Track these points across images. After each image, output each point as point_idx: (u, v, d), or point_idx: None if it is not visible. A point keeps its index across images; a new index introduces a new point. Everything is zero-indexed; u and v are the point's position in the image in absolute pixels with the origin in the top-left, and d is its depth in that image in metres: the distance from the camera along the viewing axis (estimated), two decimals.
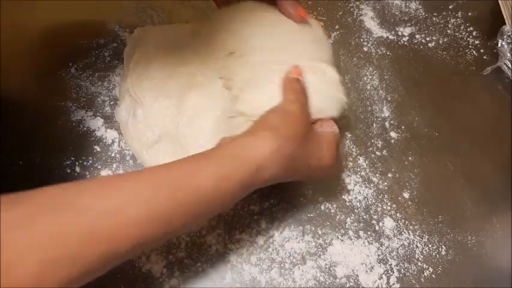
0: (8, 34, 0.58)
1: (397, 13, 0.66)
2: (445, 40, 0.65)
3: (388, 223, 0.53)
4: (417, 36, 0.65)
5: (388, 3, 0.66)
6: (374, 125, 0.59)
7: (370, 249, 0.51)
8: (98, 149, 0.54)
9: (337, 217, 0.53)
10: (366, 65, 0.63)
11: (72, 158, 0.53)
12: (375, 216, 0.53)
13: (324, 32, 0.55)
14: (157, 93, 0.52)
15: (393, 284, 0.50)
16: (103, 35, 0.60)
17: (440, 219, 0.53)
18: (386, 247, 0.51)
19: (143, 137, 0.52)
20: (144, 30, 0.58)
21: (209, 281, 0.48)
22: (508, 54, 0.61)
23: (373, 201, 0.54)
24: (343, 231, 0.52)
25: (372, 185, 0.55)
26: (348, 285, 0.49)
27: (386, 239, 0.52)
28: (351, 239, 0.52)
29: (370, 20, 0.65)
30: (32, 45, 0.59)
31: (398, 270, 0.50)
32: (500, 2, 0.64)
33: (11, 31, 0.58)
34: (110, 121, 0.56)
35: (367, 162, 0.56)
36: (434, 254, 0.51)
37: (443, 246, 0.52)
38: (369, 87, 0.61)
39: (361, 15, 0.65)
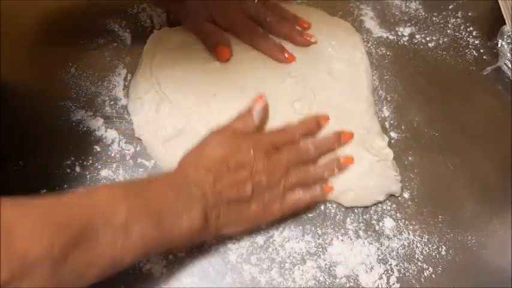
0: (8, 34, 0.58)
1: (397, 13, 0.66)
2: (445, 40, 0.64)
3: (388, 223, 0.53)
4: (417, 36, 0.64)
5: (388, 3, 0.66)
6: None
7: (370, 249, 0.51)
8: (98, 149, 0.54)
9: (337, 217, 0.53)
10: None
11: (72, 158, 0.53)
12: (375, 216, 0.53)
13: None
14: (186, 92, 0.55)
15: (393, 284, 0.50)
16: (103, 35, 0.60)
17: (440, 219, 0.53)
18: (387, 247, 0.51)
19: (162, 131, 0.54)
20: (168, 30, 0.60)
21: (209, 281, 0.48)
22: (508, 54, 0.61)
23: None
24: (343, 231, 0.52)
25: None
26: (347, 285, 0.49)
27: (386, 239, 0.52)
28: (351, 239, 0.51)
29: (370, 20, 0.65)
30: (31, 45, 0.59)
31: (398, 270, 0.50)
32: (500, 2, 0.64)
33: (11, 31, 0.58)
34: (110, 121, 0.56)
35: None
36: (434, 254, 0.51)
37: (443, 246, 0.52)
38: None
39: (361, 15, 0.65)
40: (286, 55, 0.58)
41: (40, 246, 0.32)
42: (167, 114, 0.54)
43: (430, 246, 0.52)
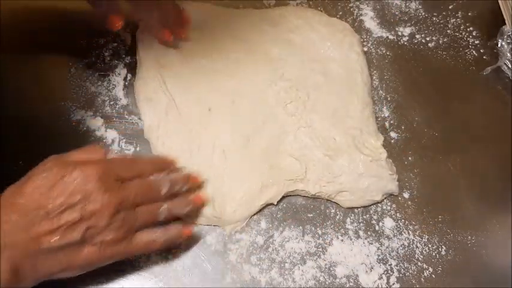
0: (8, 34, 0.58)
1: (397, 13, 0.66)
2: (445, 40, 0.64)
3: (388, 223, 0.53)
4: (417, 36, 0.65)
5: (388, 3, 0.66)
6: None
7: (370, 249, 0.51)
8: None
9: (337, 217, 0.53)
10: None
11: None
12: (375, 216, 0.53)
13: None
14: (197, 101, 0.55)
15: (393, 284, 0.50)
16: (103, 35, 0.60)
17: (440, 219, 0.53)
18: (386, 247, 0.51)
19: (169, 139, 0.53)
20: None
21: (209, 281, 0.48)
22: (508, 54, 0.61)
23: None
24: (343, 231, 0.52)
25: None
26: (347, 285, 0.49)
27: (386, 239, 0.52)
28: (351, 239, 0.52)
29: (370, 20, 0.65)
30: (31, 45, 0.59)
31: (398, 270, 0.50)
32: (500, 2, 0.64)
33: (11, 31, 0.58)
34: (109, 121, 0.56)
35: None
36: (434, 254, 0.51)
37: (443, 246, 0.52)
38: None
39: (361, 15, 0.65)
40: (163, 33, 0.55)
41: None
42: (176, 121, 0.54)
43: (430, 246, 0.52)
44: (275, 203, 0.52)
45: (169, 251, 0.49)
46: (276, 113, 0.55)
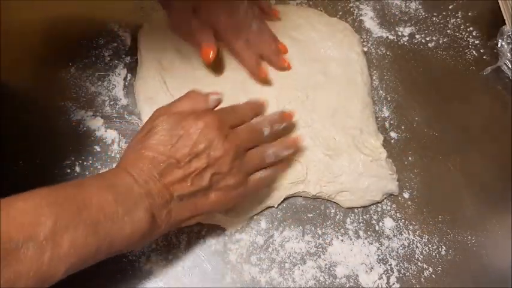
0: (8, 34, 0.58)
1: (397, 13, 0.66)
2: (445, 40, 0.65)
3: (388, 223, 0.53)
4: (417, 36, 0.65)
5: (388, 3, 0.66)
6: None
7: (370, 249, 0.51)
8: (98, 149, 0.54)
9: (337, 217, 0.53)
10: None
11: (72, 158, 0.53)
12: (375, 216, 0.53)
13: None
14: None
15: (393, 284, 0.50)
16: (103, 35, 0.60)
17: (440, 219, 0.53)
18: (386, 247, 0.51)
19: None
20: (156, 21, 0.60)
21: (209, 281, 0.48)
22: (508, 54, 0.61)
23: None
24: (343, 231, 0.52)
25: None
26: (347, 285, 0.49)
27: (386, 239, 0.52)
28: (351, 239, 0.52)
29: (370, 20, 0.65)
30: (31, 45, 0.59)
31: (398, 270, 0.50)
32: (500, 2, 0.64)
33: (11, 31, 0.58)
34: (109, 121, 0.56)
35: None
36: (434, 254, 0.51)
37: (443, 246, 0.52)
38: None
39: (361, 15, 0.65)
40: (260, 70, 0.56)
41: None
42: None
43: (430, 246, 0.52)
44: (275, 206, 0.52)
45: (169, 251, 0.49)
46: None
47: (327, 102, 0.56)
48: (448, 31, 0.65)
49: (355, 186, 0.52)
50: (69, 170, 0.52)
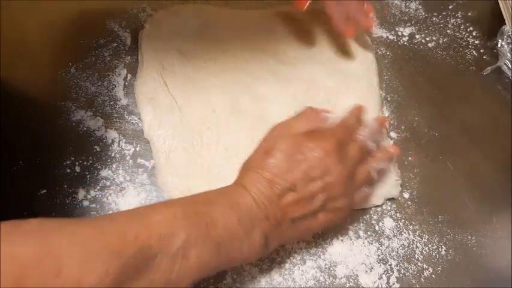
0: (8, 34, 0.58)
1: (397, 13, 0.66)
2: (445, 40, 0.65)
3: (388, 223, 0.53)
4: (417, 36, 0.65)
5: (388, 3, 0.66)
6: None
7: (370, 249, 0.51)
8: (98, 149, 0.54)
9: None
10: None
11: (72, 158, 0.53)
12: (375, 216, 0.53)
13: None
14: (200, 101, 0.55)
15: (393, 284, 0.50)
16: (103, 35, 0.60)
17: (440, 219, 0.53)
18: (386, 247, 0.51)
19: (170, 141, 0.53)
20: (157, 21, 0.60)
21: (209, 281, 0.48)
22: (508, 54, 0.61)
23: None
24: (343, 231, 0.52)
25: None
26: (347, 285, 0.49)
27: (386, 239, 0.52)
28: (351, 239, 0.51)
29: None
30: (31, 45, 0.59)
31: (398, 270, 0.50)
32: (500, 2, 0.64)
33: (11, 31, 0.58)
34: (110, 121, 0.56)
35: None
36: (434, 254, 0.51)
37: (443, 246, 0.52)
38: None
39: None
40: (348, 30, 0.55)
41: (93, 275, 0.30)
42: (177, 121, 0.54)
43: (430, 246, 0.52)
44: None
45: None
46: (287, 115, 0.52)
47: (344, 105, 0.54)
48: (448, 31, 0.65)
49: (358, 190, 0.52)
50: (69, 170, 0.52)
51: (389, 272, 0.50)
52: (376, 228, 0.52)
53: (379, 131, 0.51)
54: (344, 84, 0.57)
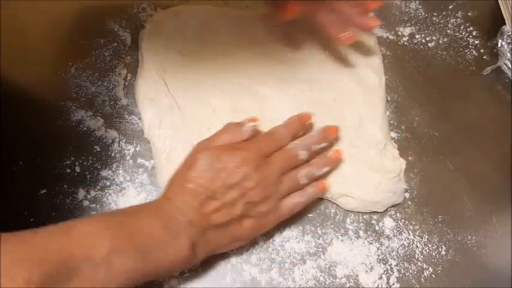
0: (8, 34, 0.58)
1: (397, 13, 0.66)
2: (445, 40, 0.65)
3: (388, 223, 0.53)
4: (417, 36, 0.65)
5: (388, 3, 0.66)
6: None
7: (370, 249, 0.51)
8: (98, 149, 0.54)
9: (337, 217, 0.53)
10: None
11: (72, 158, 0.53)
12: (375, 216, 0.53)
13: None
14: (200, 102, 0.55)
15: (393, 284, 0.50)
16: (103, 35, 0.60)
17: (440, 219, 0.53)
18: (386, 247, 0.51)
19: (171, 141, 0.53)
20: (157, 21, 0.59)
21: (209, 281, 0.48)
22: (508, 54, 0.61)
23: None
24: (343, 231, 0.52)
25: None
26: (347, 285, 0.49)
27: (386, 239, 0.52)
28: (351, 239, 0.52)
29: None
30: (31, 45, 0.59)
31: (398, 270, 0.50)
32: (500, 2, 0.64)
33: (11, 31, 0.58)
34: (110, 121, 0.56)
35: None
36: (434, 254, 0.51)
37: (443, 246, 0.52)
38: None
39: None
40: (344, 36, 0.53)
41: (16, 283, 0.32)
42: (177, 121, 0.54)
43: (430, 246, 0.52)
44: None
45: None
46: (287, 115, 0.52)
47: (352, 111, 0.55)
48: (448, 31, 0.65)
49: (365, 198, 0.52)
50: (69, 170, 0.52)
51: (390, 272, 0.50)
52: (376, 228, 0.52)
53: (318, 141, 0.50)
54: (347, 84, 0.57)
